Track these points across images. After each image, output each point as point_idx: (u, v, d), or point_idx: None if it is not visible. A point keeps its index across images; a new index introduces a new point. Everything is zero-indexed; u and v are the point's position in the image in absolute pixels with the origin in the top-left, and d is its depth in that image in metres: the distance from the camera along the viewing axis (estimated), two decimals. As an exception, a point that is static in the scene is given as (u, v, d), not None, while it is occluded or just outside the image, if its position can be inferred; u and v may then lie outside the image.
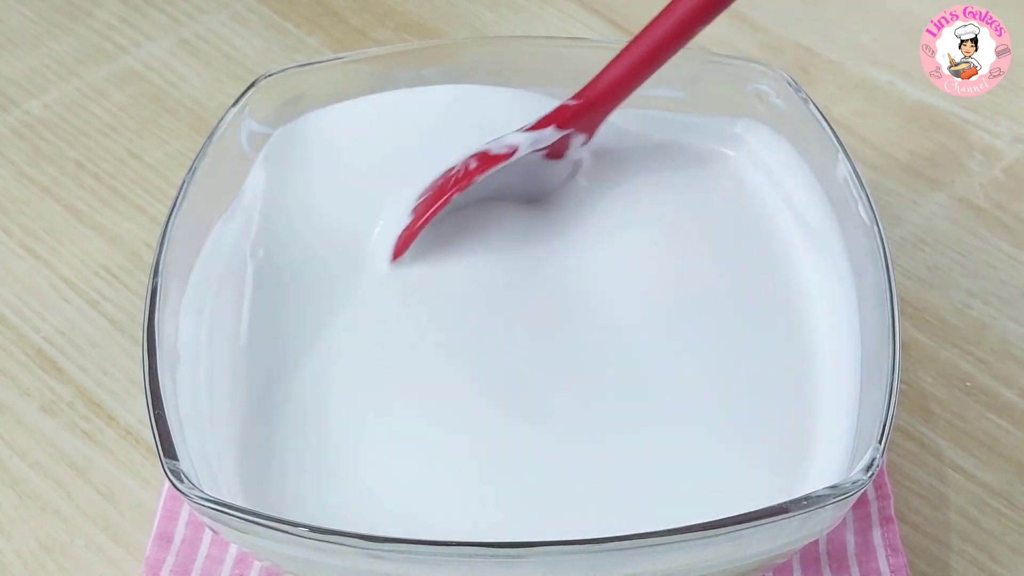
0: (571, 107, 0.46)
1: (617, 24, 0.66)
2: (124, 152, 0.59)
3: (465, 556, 0.36)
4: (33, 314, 0.53)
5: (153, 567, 0.44)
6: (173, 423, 0.39)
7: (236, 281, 0.46)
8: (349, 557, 0.36)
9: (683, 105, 0.50)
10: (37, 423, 0.49)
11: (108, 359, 0.51)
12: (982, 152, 0.59)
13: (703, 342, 0.44)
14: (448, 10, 0.66)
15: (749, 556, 0.38)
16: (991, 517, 0.47)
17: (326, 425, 0.42)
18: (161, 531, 0.45)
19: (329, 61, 0.50)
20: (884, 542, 0.45)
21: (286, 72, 0.49)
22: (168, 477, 0.37)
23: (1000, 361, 0.51)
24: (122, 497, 0.47)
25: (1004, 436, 0.49)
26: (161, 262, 0.42)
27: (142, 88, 0.62)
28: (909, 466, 0.48)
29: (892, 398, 0.38)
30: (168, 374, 0.40)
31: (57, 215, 0.57)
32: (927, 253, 0.55)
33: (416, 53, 0.51)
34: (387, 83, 0.50)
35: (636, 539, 0.35)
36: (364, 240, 0.47)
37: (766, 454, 0.41)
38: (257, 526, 0.36)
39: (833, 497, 0.36)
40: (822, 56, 0.64)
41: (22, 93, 0.62)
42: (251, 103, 0.48)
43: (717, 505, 0.37)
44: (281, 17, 0.66)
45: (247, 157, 0.48)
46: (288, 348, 0.44)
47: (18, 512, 0.47)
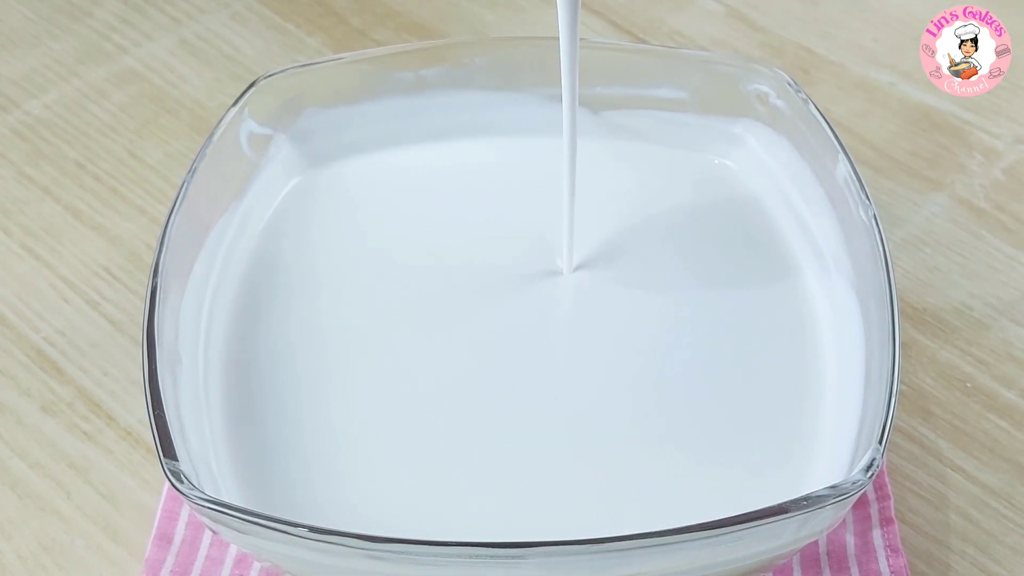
0: None
1: (617, 24, 0.66)
2: (124, 152, 0.59)
3: (465, 557, 0.36)
4: (33, 314, 0.53)
5: (153, 567, 0.44)
6: (173, 424, 0.39)
7: (235, 281, 0.46)
8: (349, 557, 0.36)
9: (683, 106, 0.50)
10: (37, 423, 0.49)
11: (108, 359, 0.51)
12: (982, 153, 0.59)
13: (706, 343, 0.44)
14: (448, 11, 0.66)
15: (750, 556, 0.38)
16: (991, 518, 0.47)
17: (325, 426, 0.42)
18: (161, 532, 0.45)
19: (329, 61, 0.50)
20: (884, 543, 0.45)
21: (286, 72, 0.49)
22: (168, 478, 0.37)
23: (1000, 362, 0.51)
24: (122, 497, 0.47)
25: (1004, 437, 0.49)
26: (161, 262, 0.42)
27: (142, 88, 0.62)
28: (909, 467, 0.48)
29: (892, 399, 0.38)
30: (168, 374, 0.40)
31: (57, 215, 0.57)
32: (927, 254, 0.55)
33: (416, 54, 0.51)
34: (387, 84, 0.50)
35: (637, 539, 0.35)
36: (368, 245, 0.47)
37: (768, 455, 0.42)
38: (257, 527, 0.36)
39: (833, 497, 0.36)
40: (822, 56, 0.64)
41: (22, 93, 0.62)
42: (251, 103, 0.48)
43: (718, 505, 0.37)
44: (282, 18, 0.66)
45: (247, 157, 0.48)
46: (286, 349, 0.44)
47: (18, 512, 0.47)
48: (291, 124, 0.50)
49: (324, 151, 0.51)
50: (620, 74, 0.50)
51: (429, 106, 0.51)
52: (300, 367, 0.44)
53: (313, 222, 0.49)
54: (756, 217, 0.48)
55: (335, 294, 0.46)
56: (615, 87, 0.50)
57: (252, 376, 0.43)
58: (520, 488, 0.41)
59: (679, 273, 0.46)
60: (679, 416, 0.42)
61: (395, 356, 0.44)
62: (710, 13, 0.66)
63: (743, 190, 0.49)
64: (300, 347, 0.44)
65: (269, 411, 0.43)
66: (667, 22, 0.65)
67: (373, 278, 0.47)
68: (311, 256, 0.47)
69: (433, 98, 0.51)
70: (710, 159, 0.50)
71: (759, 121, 0.49)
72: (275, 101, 0.49)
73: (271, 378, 0.43)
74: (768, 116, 0.49)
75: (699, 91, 0.50)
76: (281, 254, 0.47)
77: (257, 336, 0.45)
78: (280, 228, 0.48)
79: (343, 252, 0.48)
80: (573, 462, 0.41)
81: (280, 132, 0.50)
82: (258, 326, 0.45)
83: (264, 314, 0.45)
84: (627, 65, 0.51)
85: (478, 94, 0.51)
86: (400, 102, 0.51)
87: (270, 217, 0.49)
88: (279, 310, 0.45)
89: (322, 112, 0.50)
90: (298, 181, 0.50)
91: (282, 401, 0.43)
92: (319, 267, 0.47)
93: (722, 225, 0.48)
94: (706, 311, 0.45)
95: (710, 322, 0.45)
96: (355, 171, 0.50)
